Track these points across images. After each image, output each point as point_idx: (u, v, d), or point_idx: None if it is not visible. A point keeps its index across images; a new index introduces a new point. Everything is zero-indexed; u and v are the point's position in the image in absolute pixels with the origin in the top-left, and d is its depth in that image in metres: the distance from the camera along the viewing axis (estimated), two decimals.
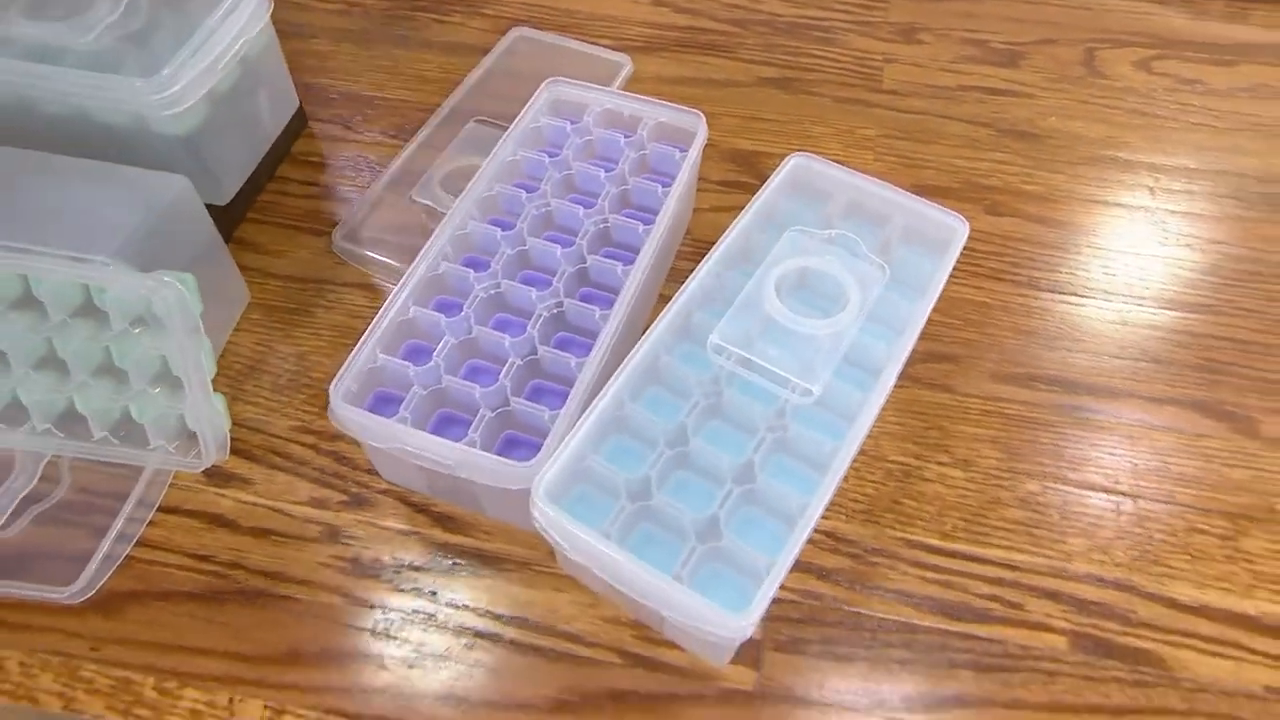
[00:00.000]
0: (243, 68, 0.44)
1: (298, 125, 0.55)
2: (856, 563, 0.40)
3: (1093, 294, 0.49)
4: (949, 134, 0.57)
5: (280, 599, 0.39)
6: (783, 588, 0.35)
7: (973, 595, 0.39)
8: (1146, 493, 0.42)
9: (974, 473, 0.43)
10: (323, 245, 0.51)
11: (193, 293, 0.37)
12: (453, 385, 0.38)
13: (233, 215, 0.49)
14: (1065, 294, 0.49)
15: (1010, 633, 0.38)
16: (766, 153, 0.55)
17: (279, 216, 0.52)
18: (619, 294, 0.40)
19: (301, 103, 0.55)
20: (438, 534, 0.41)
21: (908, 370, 0.42)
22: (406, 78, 0.60)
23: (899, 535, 0.41)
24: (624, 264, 0.41)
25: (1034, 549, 0.40)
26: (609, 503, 0.35)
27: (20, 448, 0.41)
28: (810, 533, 0.33)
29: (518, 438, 0.38)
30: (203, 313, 0.38)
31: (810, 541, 0.38)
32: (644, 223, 0.43)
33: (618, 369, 0.37)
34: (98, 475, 0.41)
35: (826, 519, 0.41)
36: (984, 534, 0.41)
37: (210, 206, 0.44)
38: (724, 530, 0.34)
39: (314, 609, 0.38)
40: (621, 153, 0.46)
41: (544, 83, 0.48)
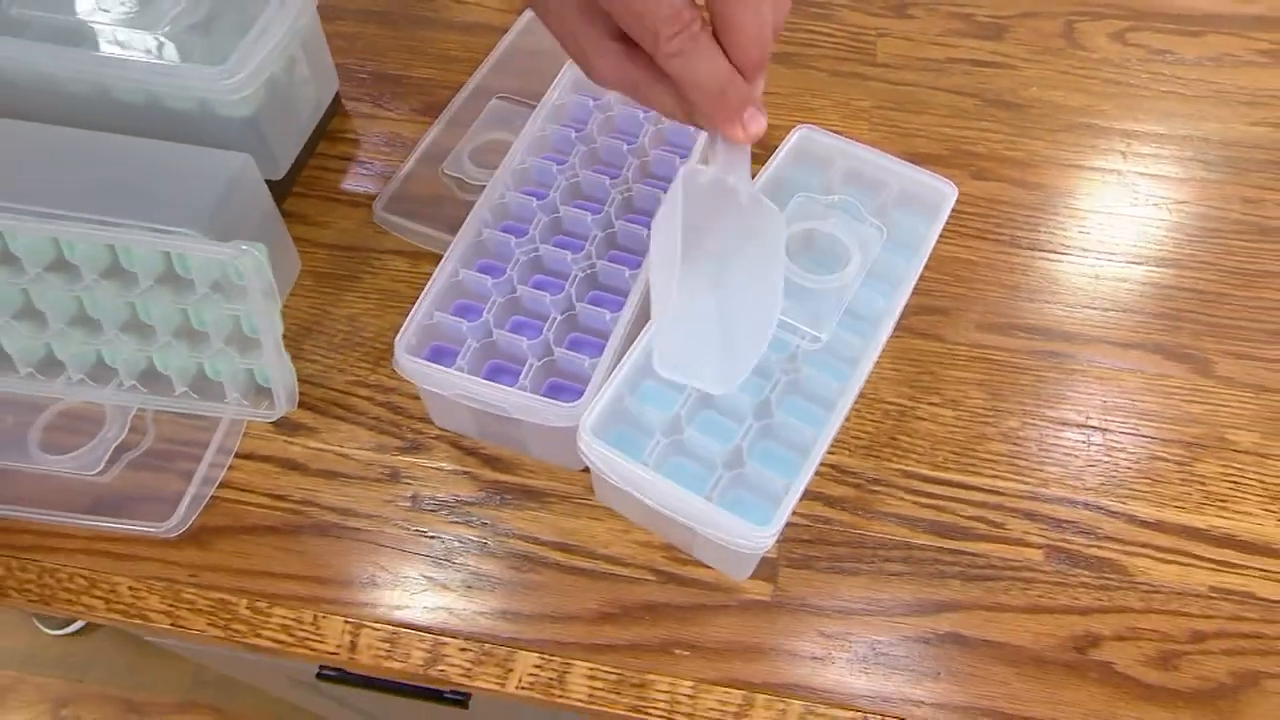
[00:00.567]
0: (294, 53, 0.48)
1: (334, 104, 0.58)
2: (859, 491, 0.45)
3: (1069, 251, 0.54)
4: (938, 104, 0.61)
5: (351, 531, 0.44)
6: (795, 513, 0.40)
7: (961, 517, 0.44)
8: (1114, 426, 0.47)
9: (961, 411, 0.48)
10: (363, 215, 0.55)
11: (265, 260, 0.41)
12: (502, 338, 0.42)
13: (283, 189, 0.53)
14: (1044, 251, 0.54)
15: (993, 548, 0.44)
16: (771, 124, 0.59)
17: (321, 189, 0.56)
18: (644, 256, 0.45)
19: None
20: (487, 473, 0.46)
21: (902, 321, 0.47)
22: (430, 57, 0.63)
23: (896, 467, 0.46)
24: (648, 229, 0.46)
25: (1014, 477, 0.46)
26: (645, 439, 0.40)
27: (109, 402, 0.45)
28: (819, 462, 0.38)
29: (561, 384, 0.43)
30: None
31: (818, 473, 0.43)
32: (664, 190, 0.48)
33: (647, 323, 0.41)
34: (179, 426, 0.46)
35: (832, 453, 0.46)
36: (971, 464, 0.46)
37: (267, 181, 0.48)
38: (746, 460, 0.39)
39: (381, 539, 0.44)
40: (641, 126, 0.51)
41: (568, 62, 0.52)
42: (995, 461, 0.46)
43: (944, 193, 0.46)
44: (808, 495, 0.44)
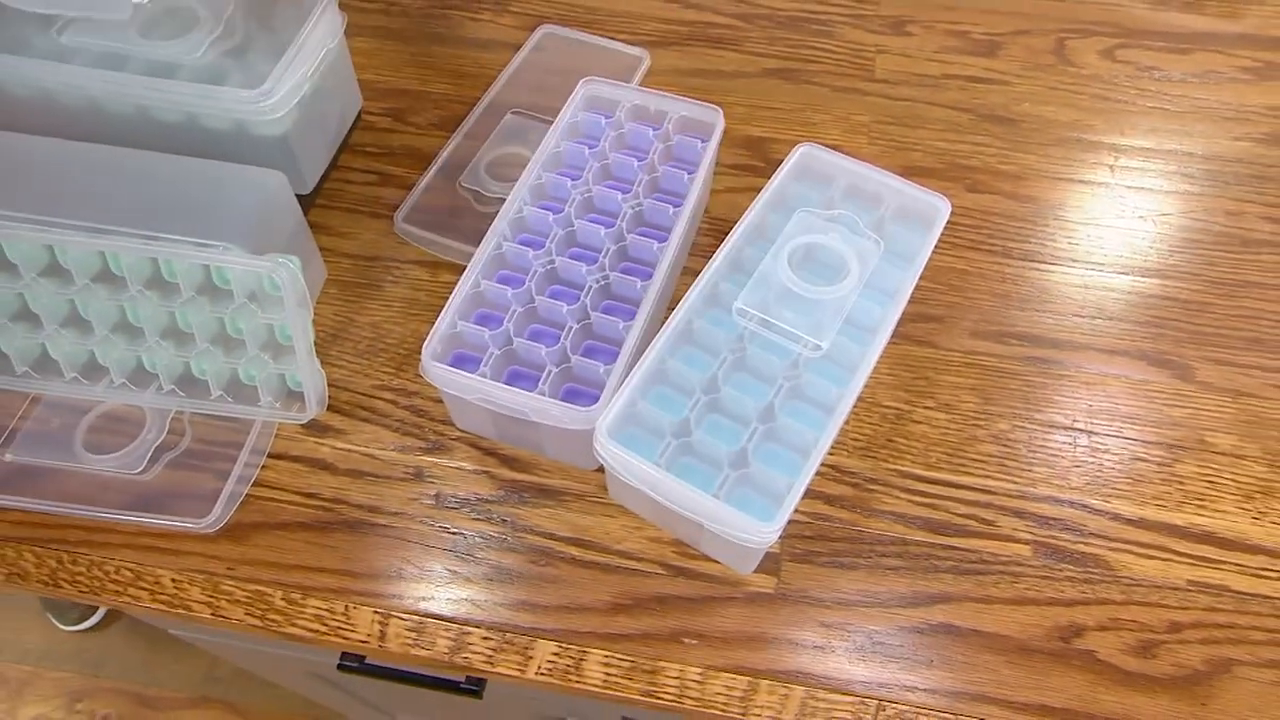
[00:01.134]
0: (323, 74, 0.51)
1: (356, 118, 0.61)
2: (857, 490, 0.48)
3: (1059, 261, 0.57)
4: (934, 119, 0.64)
5: (378, 527, 0.46)
6: (796, 510, 0.43)
7: (953, 515, 0.47)
8: (1099, 429, 0.50)
9: (955, 415, 0.50)
10: (384, 227, 0.58)
11: (299, 272, 0.44)
12: (521, 346, 0.45)
13: (309, 201, 0.56)
14: (1034, 261, 0.57)
15: (984, 544, 0.46)
16: (773, 139, 0.62)
17: (344, 202, 0.59)
18: (655, 267, 0.47)
19: None
20: (505, 472, 0.48)
21: (899, 329, 0.49)
22: (446, 73, 0.66)
23: (892, 467, 0.48)
24: (658, 242, 0.49)
25: (1004, 477, 0.48)
26: (656, 440, 0.43)
27: (150, 405, 0.48)
28: (820, 463, 0.41)
29: (577, 389, 0.46)
30: None
31: (819, 473, 0.46)
32: (673, 205, 0.50)
33: (658, 332, 0.44)
34: (215, 428, 0.48)
35: (832, 454, 0.49)
36: (963, 465, 0.49)
37: (295, 196, 0.51)
38: (751, 461, 0.42)
39: (407, 535, 0.46)
40: (650, 143, 0.53)
41: (580, 82, 0.54)
42: (986, 462, 0.49)
43: (938, 208, 0.49)
44: (809, 494, 0.47)
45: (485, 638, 0.44)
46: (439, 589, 0.45)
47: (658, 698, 0.42)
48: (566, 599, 0.44)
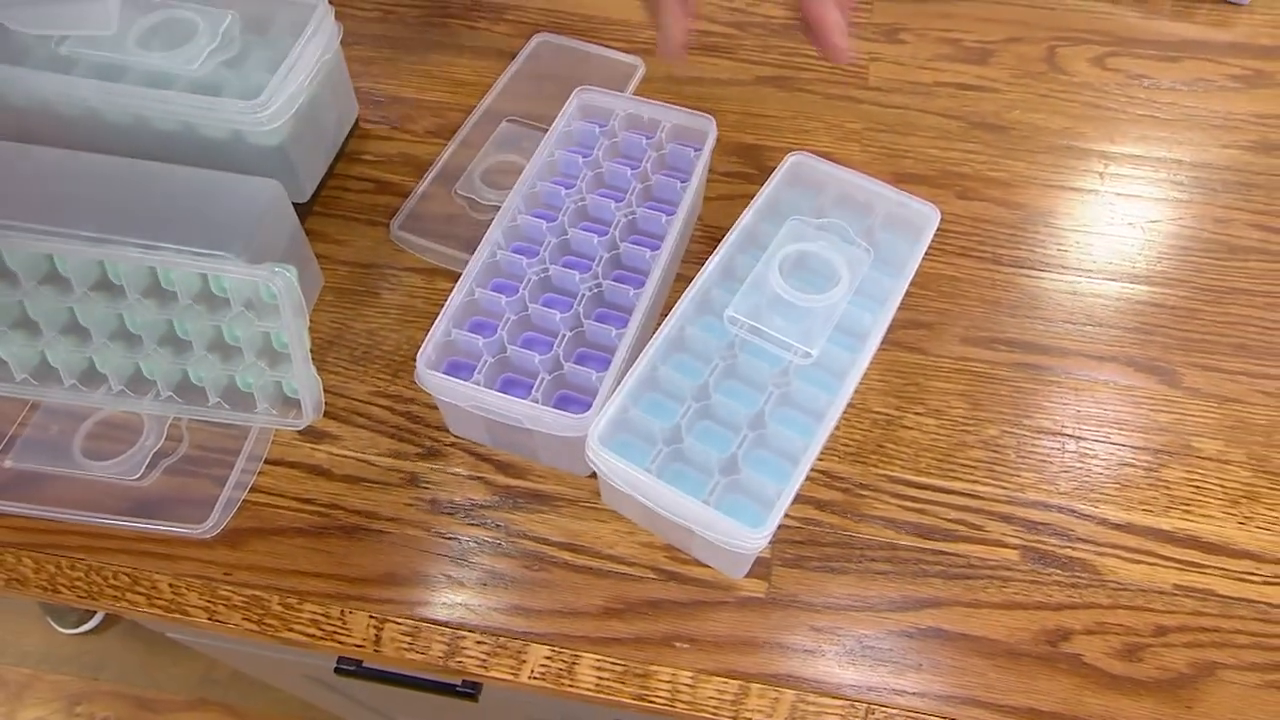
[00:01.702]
0: (319, 84, 0.51)
1: (353, 126, 0.62)
2: (847, 495, 0.48)
3: (1048, 267, 0.57)
4: (926, 127, 0.64)
5: (374, 533, 0.47)
6: (787, 515, 0.44)
7: (942, 520, 0.48)
8: (1087, 434, 0.50)
9: (944, 420, 0.51)
10: (380, 234, 0.58)
11: (296, 281, 0.44)
12: (515, 353, 0.46)
13: (306, 209, 0.57)
14: (1024, 268, 0.57)
15: (972, 549, 0.47)
16: (766, 146, 0.63)
17: (341, 209, 0.59)
18: (648, 274, 0.48)
19: None
20: (500, 478, 0.49)
21: (889, 335, 0.50)
22: (442, 80, 0.66)
23: (882, 472, 0.49)
24: (650, 249, 0.49)
25: (993, 482, 0.49)
26: (647, 447, 0.43)
27: (148, 412, 0.48)
28: (810, 469, 0.41)
29: (570, 396, 0.46)
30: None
31: (809, 478, 0.46)
32: (665, 213, 0.51)
33: (650, 339, 0.45)
34: (212, 434, 0.49)
35: (822, 460, 0.49)
36: (952, 470, 0.49)
37: (292, 204, 0.51)
38: (741, 467, 0.42)
39: (402, 540, 0.47)
40: (644, 152, 0.54)
41: (574, 90, 0.55)
42: (975, 467, 0.49)
43: (928, 216, 0.49)
44: (799, 499, 0.47)
45: (479, 642, 0.44)
46: (434, 593, 0.45)
47: (650, 701, 0.43)
48: (560, 603, 0.45)
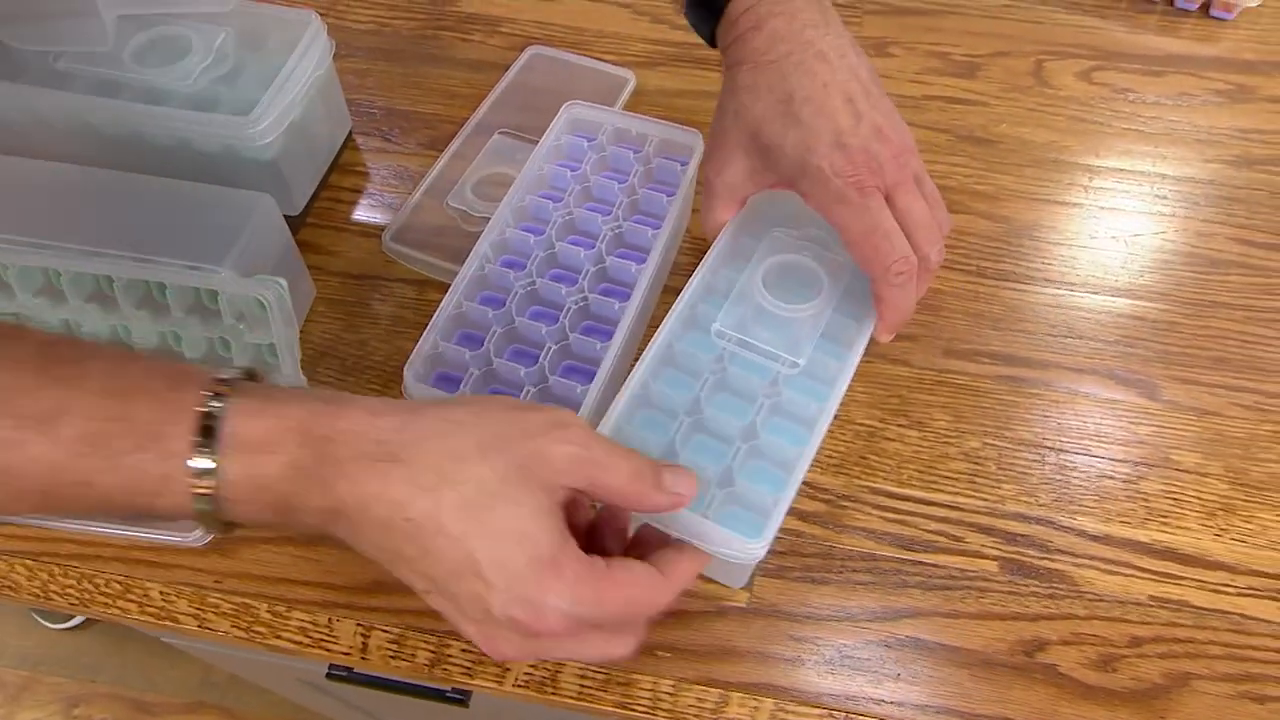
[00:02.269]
0: (312, 99, 0.52)
1: (346, 138, 0.62)
2: (830, 506, 0.49)
3: (1032, 281, 0.58)
4: (914, 140, 0.65)
5: None
6: None
7: (923, 531, 0.48)
8: (1067, 447, 0.51)
9: (927, 432, 0.52)
10: (372, 245, 0.59)
11: (287, 293, 0.45)
12: (501, 366, 0.46)
13: (298, 221, 0.57)
14: (1009, 281, 0.58)
15: (952, 560, 0.47)
16: None
17: (333, 220, 0.60)
18: (633, 288, 0.49)
19: None
20: None
21: (872, 347, 0.50)
22: (436, 93, 0.67)
23: (864, 484, 0.50)
24: (637, 263, 0.50)
25: (974, 494, 0.50)
26: None
27: None
28: (805, 474, 0.42)
29: None
30: None
31: None
32: (652, 227, 0.52)
33: (636, 352, 0.45)
34: None
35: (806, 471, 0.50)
36: (934, 482, 0.50)
37: (285, 216, 0.52)
38: (736, 479, 0.43)
39: None
40: (631, 166, 0.55)
41: (564, 105, 0.56)
42: (956, 479, 0.50)
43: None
44: None
45: (465, 650, 0.45)
46: (418, 601, 0.46)
47: (631, 709, 0.43)
48: None
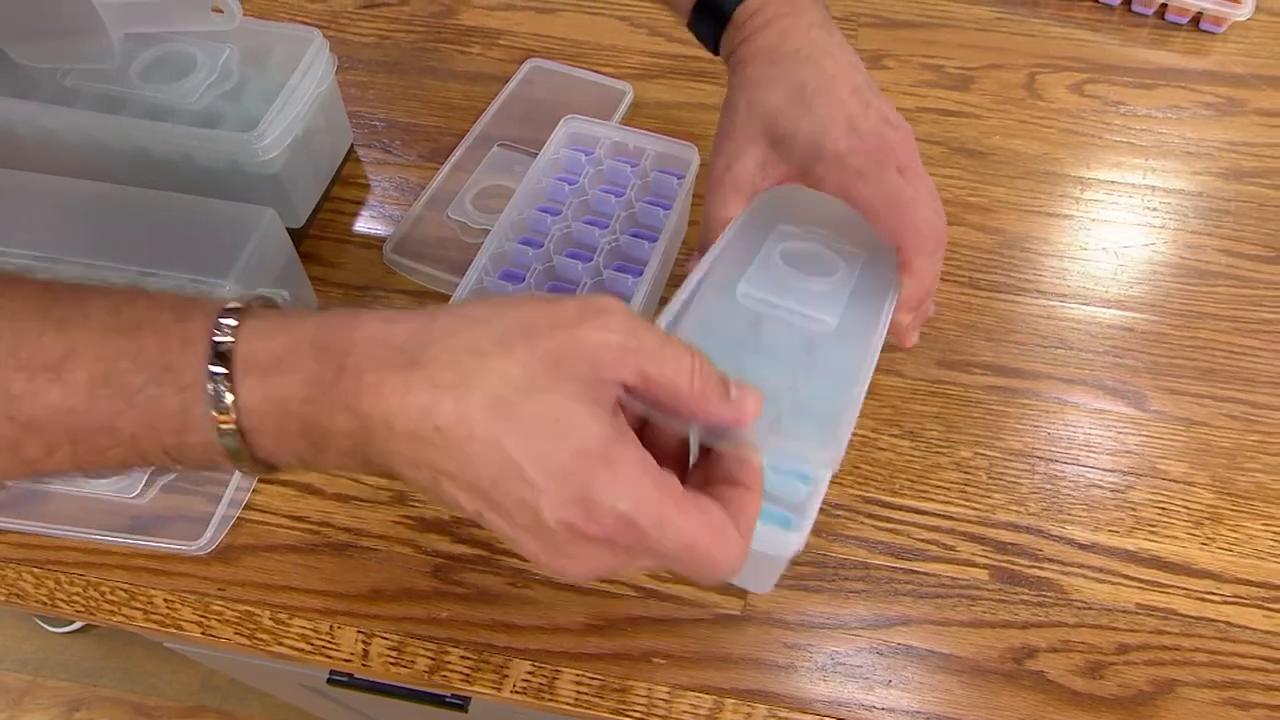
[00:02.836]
0: (314, 115, 0.53)
1: (348, 151, 0.63)
2: (823, 515, 0.50)
3: (1024, 292, 0.59)
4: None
5: (363, 549, 0.48)
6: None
7: (914, 540, 0.49)
8: (1057, 456, 0.52)
9: (919, 442, 0.52)
10: (373, 257, 0.60)
11: (288, 304, 0.46)
12: None
13: (300, 233, 0.58)
14: (1000, 292, 0.59)
15: (943, 568, 0.48)
16: None
17: (335, 232, 0.61)
18: (630, 301, 0.50)
19: None
20: None
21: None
22: (437, 105, 0.68)
23: (857, 493, 0.51)
24: (634, 276, 0.51)
25: (965, 503, 0.50)
26: None
27: None
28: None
29: None
30: None
31: None
32: (649, 240, 0.53)
33: None
34: None
35: None
36: (925, 491, 0.51)
37: (287, 229, 0.53)
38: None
39: (390, 557, 0.48)
40: (629, 180, 0.56)
41: (562, 119, 0.57)
42: (948, 489, 0.51)
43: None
44: None
45: (464, 657, 0.46)
46: (420, 609, 0.47)
47: (626, 715, 0.44)
48: (542, 619, 0.46)
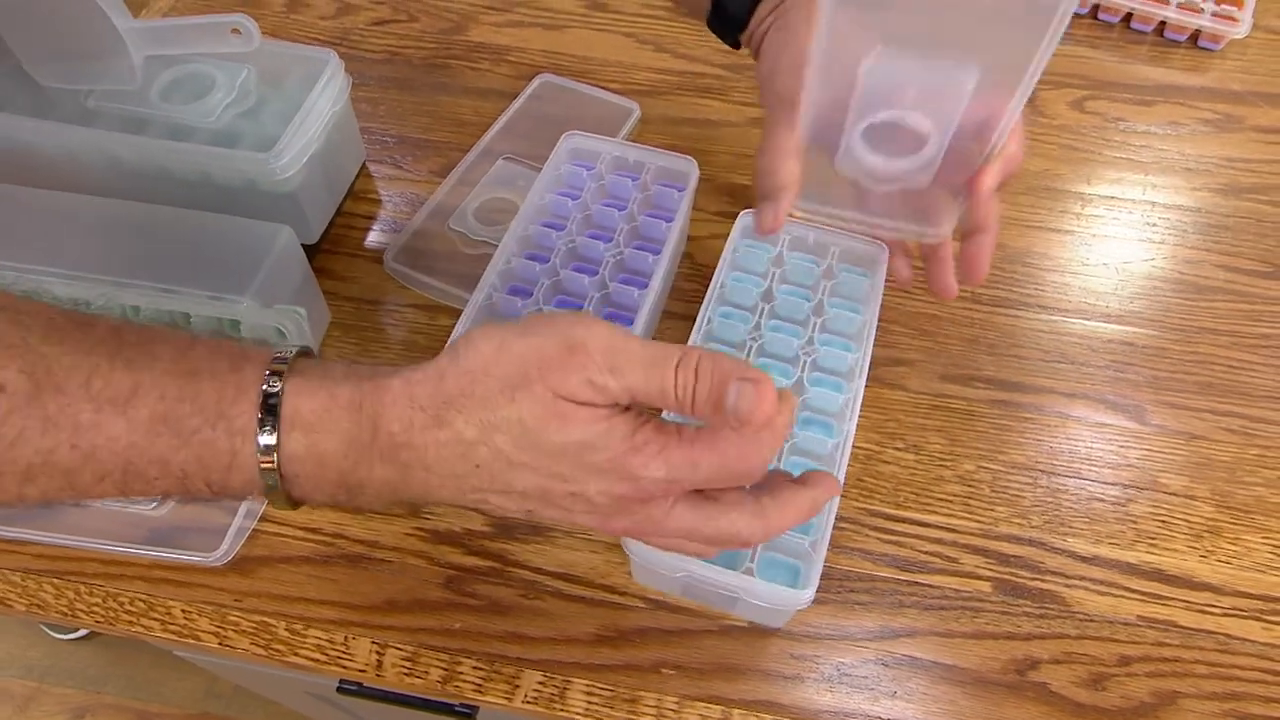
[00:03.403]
0: (330, 134, 0.54)
1: (360, 167, 0.64)
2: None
3: (1026, 306, 0.60)
4: None
5: (376, 561, 0.49)
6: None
7: (919, 552, 0.50)
8: (1058, 470, 0.53)
9: (922, 456, 0.53)
10: (384, 271, 0.61)
11: (306, 322, 0.47)
12: None
13: (315, 248, 0.59)
14: (1003, 307, 0.60)
15: (947, 580, 0.49)
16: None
17: (347, 247, 0.62)
18: (636, 311, 0.51)
19: None
20: None
21: (871, 372, 0.52)
22: (447, 120, 0.69)
23: (862, 506, 0.51)
24: (639, 288, 0.52)
25: (968, 516, 0.51)
26: None
27: None
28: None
29: None
30: None
31: None
32: (652, 253, 0.54)
33: None
34: None
35: None
36: (929, 504, 0.51)
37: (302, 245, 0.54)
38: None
39: (404, 569, 0.49)
40: (630, 193, 0.57)
41: (564, 135, 0.58)
42: (951, 502, 0.52)
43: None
44: None
45: (476, 667, 0.46)
46: (433, 620, 0.48)
47: None
48: (553, 631, 0.47)
